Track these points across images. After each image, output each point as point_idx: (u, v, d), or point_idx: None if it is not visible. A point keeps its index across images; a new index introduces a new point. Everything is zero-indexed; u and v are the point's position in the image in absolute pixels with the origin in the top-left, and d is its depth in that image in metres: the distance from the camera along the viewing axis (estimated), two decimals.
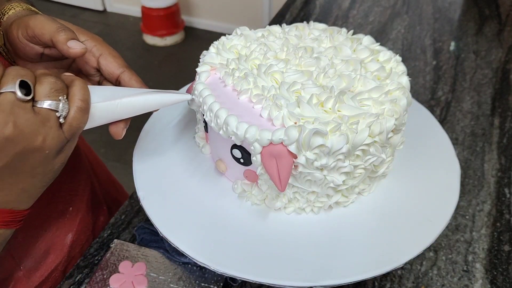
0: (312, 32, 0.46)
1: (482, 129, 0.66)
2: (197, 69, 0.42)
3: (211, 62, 0.42)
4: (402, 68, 0.43)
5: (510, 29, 0.91)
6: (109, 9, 2.70)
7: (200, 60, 0.44)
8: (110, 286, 0.45)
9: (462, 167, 0.55)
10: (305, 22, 0.48)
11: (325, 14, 0.97)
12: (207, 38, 2.43)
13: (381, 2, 1.01)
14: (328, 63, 0.41)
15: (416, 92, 0.73)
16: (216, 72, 0.42)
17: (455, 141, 0.64)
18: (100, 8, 2.69)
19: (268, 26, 0.48)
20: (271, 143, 0.35)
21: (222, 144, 0.40)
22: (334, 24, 0.92)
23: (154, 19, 2.30)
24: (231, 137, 0.36)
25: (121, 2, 2.65)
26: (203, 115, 0.40)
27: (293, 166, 0.35)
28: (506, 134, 0.65)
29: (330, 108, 0.36)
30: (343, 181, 0.37)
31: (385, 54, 0.43)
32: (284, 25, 0.48)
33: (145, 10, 2.30)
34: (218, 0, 2.41)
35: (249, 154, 0.37)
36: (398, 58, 0.44)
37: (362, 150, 0.36)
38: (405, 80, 0.41)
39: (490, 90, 0.74)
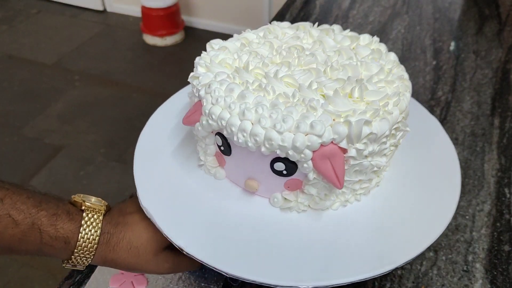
0: (285, 32, 0.46)
1: (482, 129, 0.66)
2: (200, 93, 0.39)
3: (208, 83, 0.39)
4: (384, 46, 0.45)
5: (510, 29, 0.91)
6: (109, 9, 2.70)
7: (194, 83, 0.40)
8: (110, 286, 0.45)
9: (462, 167, 0.55)
10: (273, 23, 0.48)
11: (325, 14, 0.97)
12: (207, 38, 2.42)
13: (381, 2, 1.01)
14: (324, 57, 0.41)
15: (416, 92, 0.73)
16: None
17: (455, 141, 0.64)
18: (100, 8, 2.69)
19: (242, 34, 0.46)
20: (321, 145, 0.34)
21: (257, 162, 0.38)
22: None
23: (154, 19, 2.30)
24: (276, 151, 0.35)
25: (121, 2, 2.65)
26: (224, 139, 0.38)
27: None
28: (506, 134, 0.65)
29: (357, 98, 0.37)
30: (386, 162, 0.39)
31: (365, 38, 0.45)
32: (250, 30, 0.47)
33: (145, 10, 2.30)
34: (218, 0, 2.41)
35: (294, 164, 0.36)
36: (376, 38, 0.46)
37: (395, 128, 0.38)
38: (393, 55, 0.44)
39: (490, 90, 0.74)
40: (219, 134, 0.38)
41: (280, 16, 0.95)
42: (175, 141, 0.47)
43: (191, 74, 0.41)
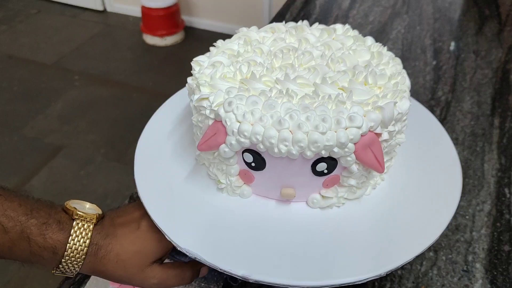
0: (262, 35, 0.46)
1: (482, 129, 0.66)
2: (220, 113, 0.36)
3: (225, 101, 0.36)
4: (356, 31, 0.47)
5: (510, 29, 0.91)
6: (109, 9, 2.71)
7: (205, 105, 0.37)
8: (110, 286, 0.45)
9: (462, 167, 0.55)
10: (242, 29, 0.47)
11: (325, 14, 0.97)
12: (207, 38, 2.43)
13: (381, 2, 1.01)
14: (318, 53, 0.42)
15: (416, 92, 0.73)
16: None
17: (455, 141, 0.64)
18: (100, 8, 2.69)
19: (223, 46, 0.44)
20: (361, 135, 0.35)
21: (297, 168, 0.37)
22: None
23: (154, 19, 2.31)
24: (321, 152, 0.35)
25: (121, 2, 2.65)
26: (257, 154, 0.36)
27: None
28: (506, 134, 0.65)
29: (371, 84, 0.38)
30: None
31: (339, 28, 0.47)
32: (222, 41, 0.46)
33: (145, 10, 2.30)
34: (218, 0, 2.41)
35: (335, 161, 0.36)
36: (348, 26, 0.47)
37: None
38: (370, 39, 0.45)
39: (490, 90, 0.74)
40: (249, 150, 0.37)
41: (280, 16, 0.95)
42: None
43: (196, 96, 0.38)
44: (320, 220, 0.40)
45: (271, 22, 0.91)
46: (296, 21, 0.48)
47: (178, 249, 0.37)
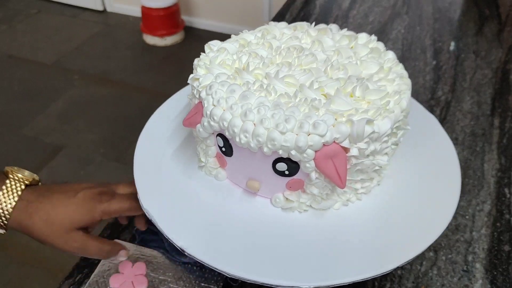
0: (283, 32, 0.46)
1: (482, 129, 0.66)
2: (201, 95, 0.38)
3: (209, 84, 0.38)
4: (382, 45, 0.45)
5: (510, 29, 0.91)
6: (109, 9, 2.70)
7: (194, 85, 0.40)
8: (110, 286, 0.45)
9: (462, 167, 0.55)
10: (271, 23, 0.47)
11: (325, 14, 0.97)
12: (207, 38, 2.43)
13: (381, 2, 1.01)
14: (324, 57, 0.42)
15: (416, 92, 0.73)
16: None
17: (455, 141, 0.64)
18: (100, 8, 2.69)
19: (240, 35, 0.46)
20: (324, 144, 0.34)
21: (259, 162, 0.38)
22: None
23: (154, 19, 2.30)
24: (279, 151, 0.35)
25: (121, 2, 2.65)
26: (226, 140, 0.38)
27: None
28: (506, 134, 0.65)
29: (358, 96, 0.37)
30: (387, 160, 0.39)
31: (363, 37, 0.46)
32: (248, 31, 0.47)
33: (145, 10, 2.30)
34: (218, 0, 2.41)
35: (296, 164, 0.36)
36: (374, 37, 0.46)
37: (396, 126, 0.38)
38: (391, 54, 0.44)
39: (490, 90, 0.74)
40: (221, 135, 0.38)
41: (280, 16, 0.95)
42: (175, 142, 0.47)
43: (191, 76, 0.40)
44: (283, 219, 0.40)
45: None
46: (296, 21, 0.48)
47: (146, 215, 0.40)
